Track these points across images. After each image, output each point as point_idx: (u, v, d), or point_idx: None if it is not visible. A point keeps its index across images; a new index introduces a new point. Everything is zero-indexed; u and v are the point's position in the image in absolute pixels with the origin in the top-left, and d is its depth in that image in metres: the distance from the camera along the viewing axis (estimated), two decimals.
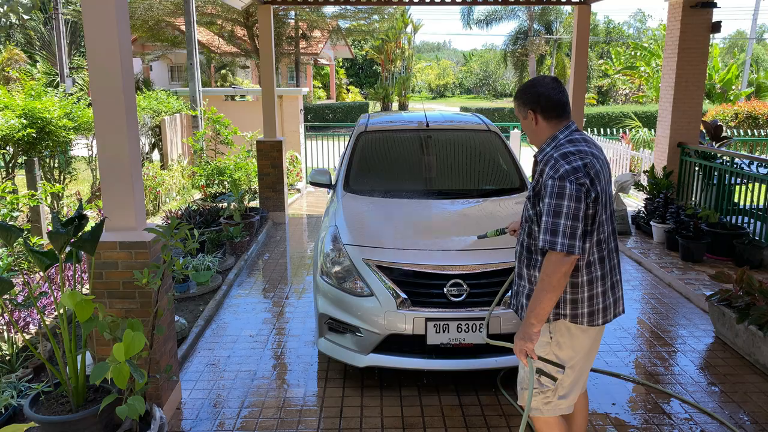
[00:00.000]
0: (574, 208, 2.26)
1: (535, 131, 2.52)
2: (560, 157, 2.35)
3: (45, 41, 24.90)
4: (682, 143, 7.80)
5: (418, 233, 4.07)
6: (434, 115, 5.63)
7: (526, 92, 2.50)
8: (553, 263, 2.28)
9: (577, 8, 8.13)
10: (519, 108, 2.55)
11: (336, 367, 4.14)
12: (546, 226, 2.29)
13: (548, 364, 2.51)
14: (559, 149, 2.40)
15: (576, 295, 2.42)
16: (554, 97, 2.46)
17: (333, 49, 35.12)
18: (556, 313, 2.45)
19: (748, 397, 3.78)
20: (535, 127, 2.51)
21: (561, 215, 2.26)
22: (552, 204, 2.28)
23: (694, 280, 5.73)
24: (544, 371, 2.52)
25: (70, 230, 2.89)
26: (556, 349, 2.49)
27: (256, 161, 8.69)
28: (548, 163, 2.36)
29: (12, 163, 6.94)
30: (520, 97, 2.54)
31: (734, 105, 17.75)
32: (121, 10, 3.12)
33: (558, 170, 2.31)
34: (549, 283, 2.30)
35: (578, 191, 2.27)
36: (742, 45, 40.55)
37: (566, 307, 2.44)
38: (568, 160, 2.33)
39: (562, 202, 2.27)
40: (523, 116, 2.54)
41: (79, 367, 2.86)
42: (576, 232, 2.27)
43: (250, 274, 6.26)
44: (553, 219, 2.27)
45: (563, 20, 36.69)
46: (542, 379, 2.52)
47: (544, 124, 2.49)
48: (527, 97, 2.50)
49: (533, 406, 2.58)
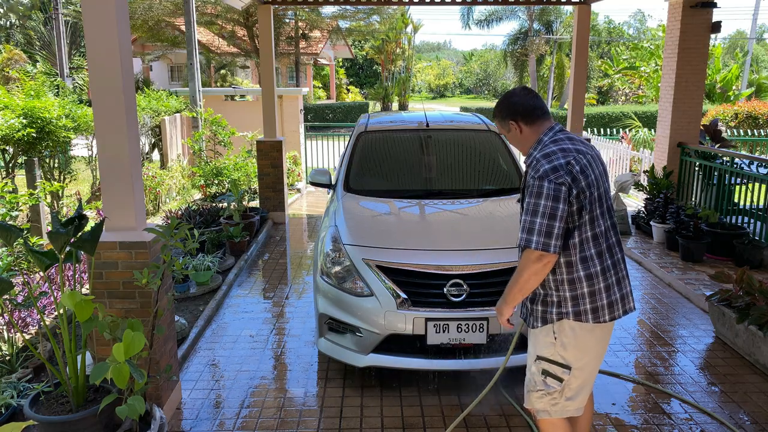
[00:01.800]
0: (551, 207, 2.30)
1: (522, 140, 2.57)
2: (542, 158, 2.41)
3: (45, 41, 24.92)
4: (682, 143, 7.80)
5: (418, 233, 4.07)
6: (434, 115, 5.63)
7: (503, 106, 2.60)
8: (526, 260, 2.36)
9: (577, 8, 8.13)
10: (501, 124, 2.62)
11: (336, 367, 4.14)
12: (524, 225, 2.36)
13: (553, 365, 2.51)
14: (543, 150, 2.45)
15: (575, 291, 2.42)
16: (529, 102, 2.55)
17: (333, 49, 35.12)
18: (558, 313, 2.46)
19: (748, 397, 3.78)
20: (521, 136, 2.56)
21: (538, 214, 2.31)
22: (531, 203, 2.34)
23: (694, 280, 5.73)
24: (550, 372, 2.52)
25: (70, 230, 2.89)
26: (561, 350, 2.49)
27: (256, 161, 8.69)
28: (532, 165, 2.44)
29: (12, 163, 6.94)
30: (498, 113, 2.62)
31: (734, 105, 17.75)
32: (121, 10, 3.12)
33: (538, 170, 2.37)
34: (518, 280, 2.40)
35: (557, 191, 2.31)
36: (742, 45, 40.54)
37: (567, 305, 2.43)
38: (549, 159, 2.38)
39: (539, 201, 2.32)
40: (507, 130, 2.61)
41: (79, 367, 2.86)
42: (552, 231, 2.30)
43: (250, 274, 6.25)
44: (530, 218, 2.33)
45: (563, 20, 36.68)
46: (548, 380, 2.53)
47: (528, 129, 2.55)
48: (505, 110, 2.58)
49: (540, 408, 2.57)
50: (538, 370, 2.56)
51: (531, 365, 2.61)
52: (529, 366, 2.63)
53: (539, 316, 2.52)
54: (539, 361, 2.55)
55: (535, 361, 2.58)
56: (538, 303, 2.52)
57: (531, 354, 2.61)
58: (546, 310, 2.49)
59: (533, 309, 2.54)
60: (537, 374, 2.57)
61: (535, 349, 2.58)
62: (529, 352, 2.64)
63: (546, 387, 2.54)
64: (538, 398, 2.58)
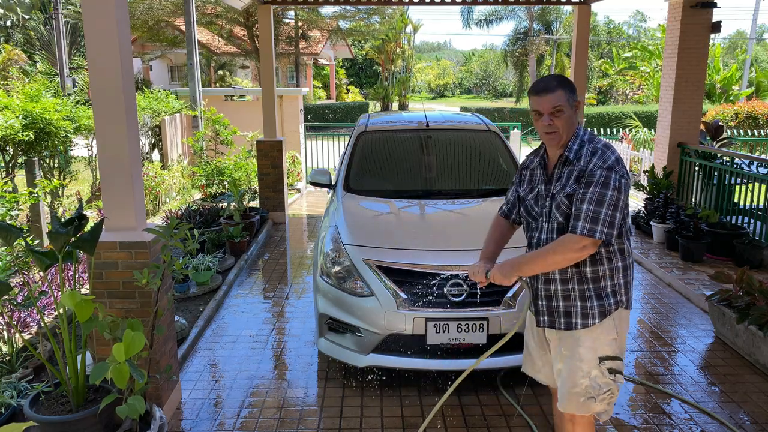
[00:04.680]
0: (616, 198, 2.29)
1: (573, 123, 2.43)
2: (605, 148, 2.38)
3: (45, 41, 24.91)
4: (682, 143, 7.80)
5: (418, 233, 4.07)
6: (434, 115, 5.63)
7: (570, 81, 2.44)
8: (570, 244, 2.31)
9: (577, 8, 8.13)
10: (568, 97, 2.40)
11: (336, 367, 4.14)
12: (586, 213, 2.29)
13: (616, 361, 2.45)
14: (596, 141, 2.42)
15: (627, 277, 2.48)
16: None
17: (333, 49, 35.12)
18: (616, 302, 2.44)
19: (748, 397, 3.78)
20: (575, 117, 2.43)
21: (604, 204, 2.28)
22: (596, 193, 2.29)
23: (694, 280, 5.73)
24: (616, 369, 2.45)
25: (70, 230, 2.89)
26: (621, 341, 2.47)
27: (256, 161, 8.70)
28: (594, 154, 2.36)
29: (12, 163, 6.94)
30: (569, 84, 2.41)
31: (734, 105, 17.75)
32: (121, 10, 3.12)
33: (606, 161, 2.33)
34: (547, 258, 2.36)
35: (621, 183, 2.31)
36: (742, 45, 40.55)
37: (622, 292, 2.46)
38: (612, 150, 2.38)
39: (606, 191, 2.28)
40: (570, 105, 2.40)
41: (79, 367, 2.86)
42: (615, 222, 2.30)
43: (250, 274, 6.25)
44: (595, 207, 2.28)
45: (563, 20, 36.71)
46: (617, 377, 2.45)
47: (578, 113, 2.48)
48: (573, 85, 2.45)
49: (601, 410, 2.46)
50: (603, 372, 2.43)
51: (590, 371, 2.44)
52: (586, 372, 2.44)
53: (595, 312, 2.42)
54: (604, 362, 2.43)
55: (598, 365, 2.43)
56: (591, 299, 2.43)
57: (586, 359, 2.44)
58: (603, 303, 2.42)
59: (585, 307, 2.43)
60: (602, 376, 2.43)
61: (594, 352, 2.43)
62: (580, 357, 2.44)
63: (616, 385, 2.46)
64: (602, 400, 2.45)
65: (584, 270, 2.43)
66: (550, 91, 2.37)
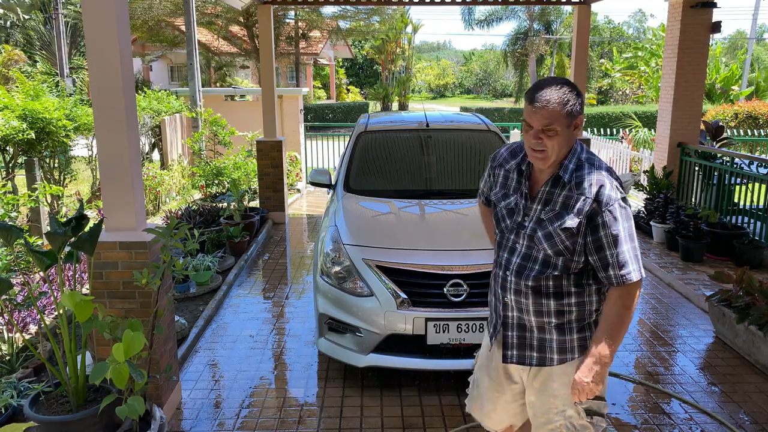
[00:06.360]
0: (632, 227, 2.08)
1: (569, 141, 2.07)
2: (609, 173, 2.07)
3: (45, 41, 24.91)
4: (682, 143, 7.80)
5: (418, 233, 4.07)
6: (434, 115, 5.63)
7: (582, 98, 2.05)
8: (634, 293, 2.07)
9: (577, 8, 8.13)
10: (568, 119, 2.00)
11: (336, 367, 4.14)
12: (629, 254, 2.04)
13: (594, 400, 2.19)
14: (596, 163, 2.09)
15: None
16: None
17: (333, 49, 35.11)
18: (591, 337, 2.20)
19: (748, 397, 3.78)
20: (572, 137, 2.07)
21: (635, 238, 2.06)
22: (626, 227, 2.04)
23: (694, 280, 5.73)
24: (594, 410, 2.19)
25: (69, 231, 2.89)
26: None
27: (256, 161, 8.70)
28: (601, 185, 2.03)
29: (12, 164, 6.94)
30: (573, 100, 2.00)
31: (734, 105, 17.75)
32: (121, 10, 3.12)
33: (617, 190, 2.04)
34: (629, 316, 2.09)
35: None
36: (742, 45, 40.55)
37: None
38: (615, 175, 2.09)
39: (627, 223, 2.04)
40: (567, 126, 2.02)
41: (79, 367, 2.86)
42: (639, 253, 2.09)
43: (250, 274, 6.25)
44: (631, 244, 2.04)
45: (563, 20, 36.72)
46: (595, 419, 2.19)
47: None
48: (580, 98, 2.03)
49: None
50: (580, 413, 2.17)
51: (565, 409, 2.19)
52: (560, 410, 2.19)
53: (575, 345, 2.17)
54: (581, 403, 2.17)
55: (573, 404, 2.18)
56: (572, 332, 2.17)
57: (560, 395, 2.19)
58: (584, 336, 2.18)
59: (565, 341, 2.17)
60: (579, 418, 2.17)
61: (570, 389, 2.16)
62: (553, 393, 2.21)
63: (595, 428, 2.18)
64: None
65: (569, 302, 2.15)
66: (547, 106, 1.97)
